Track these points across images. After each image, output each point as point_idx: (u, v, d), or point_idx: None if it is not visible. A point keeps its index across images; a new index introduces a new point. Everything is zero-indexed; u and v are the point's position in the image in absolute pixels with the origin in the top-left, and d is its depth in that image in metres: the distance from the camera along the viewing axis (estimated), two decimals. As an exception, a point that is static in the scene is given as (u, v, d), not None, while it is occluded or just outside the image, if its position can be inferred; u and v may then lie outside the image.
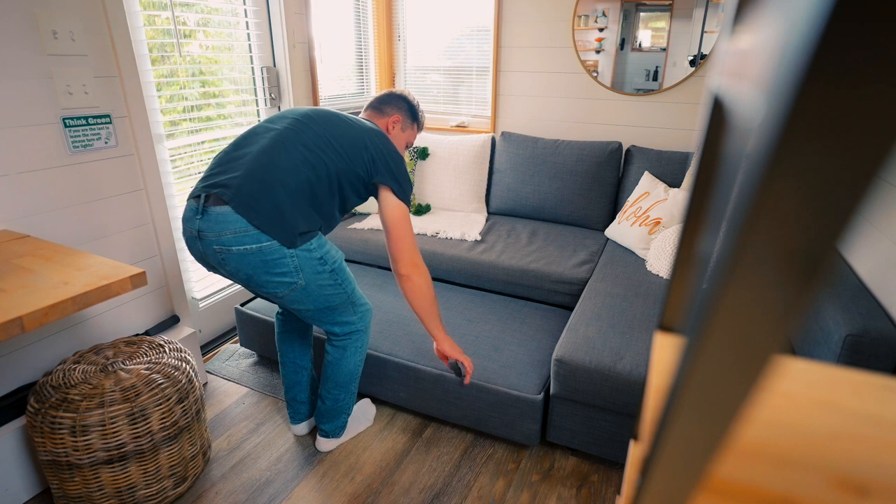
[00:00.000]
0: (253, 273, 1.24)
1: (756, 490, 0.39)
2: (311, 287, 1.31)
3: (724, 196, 0.25)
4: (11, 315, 0.87)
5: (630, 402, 1.38)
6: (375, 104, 1.56)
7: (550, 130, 2.66)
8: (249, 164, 1.24)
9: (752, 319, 0.19)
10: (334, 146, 1.31)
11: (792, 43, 0.15)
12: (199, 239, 1.24)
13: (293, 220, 1.23)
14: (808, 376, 0.52)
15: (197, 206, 1.23)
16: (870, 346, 1.10)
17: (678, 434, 0.23)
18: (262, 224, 1.20)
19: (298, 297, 1.31)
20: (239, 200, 1.20)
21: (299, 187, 1.25)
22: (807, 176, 0.16)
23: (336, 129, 1.34)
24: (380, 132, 1.42)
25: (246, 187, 1.21)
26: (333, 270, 1.34)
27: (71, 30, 1.40)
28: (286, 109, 1.41)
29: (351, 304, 1.42)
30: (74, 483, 1.26)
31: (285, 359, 1.60)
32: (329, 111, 1.41)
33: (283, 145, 1.27)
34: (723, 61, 0.34)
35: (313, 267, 1.29)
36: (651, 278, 1.87)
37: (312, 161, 1.28)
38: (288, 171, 1.24)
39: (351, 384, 1.53)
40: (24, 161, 1.35)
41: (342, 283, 1.37)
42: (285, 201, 1.22)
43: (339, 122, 1.37)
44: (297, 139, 1.29)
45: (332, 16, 2.56)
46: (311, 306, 1.35)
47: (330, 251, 1.34)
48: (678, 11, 2.26)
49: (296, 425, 1.65)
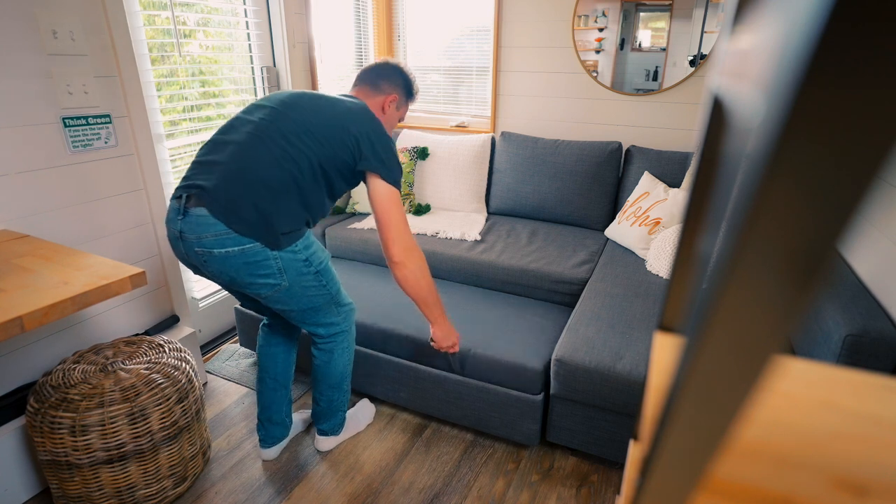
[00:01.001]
0: (236, 275, 1.20)
1: (756, 490, 0.39)
2: (295, 288, 1.27)
3: (723, 196, 0.25)
4: (11, 315, 0.87)
5: (630, 402, 1.38)
6: (370, 77, 1.43)
7: (550, 130, 2.66)
8: (228, 165, 1.18)
9: (751, 319, 0.19)
10: (315, 134, 1.24)
11: (792, 43, 0.15)
12: (181, 240, 1.20)
13: (276, 221, 1.19)
14: (808, 376, 0.52)
15: (178, 207, 1.19)
16: (870, 346, 1.10)
17: (678, 434, 0.23)
18: (242, 229, 1.16)
19: (282, 297, 1.27)
20: (217, 205, 1.15)
21: (282, 185, 1.19)
22: (806, 176, 0.16)
23: (317, 115, 1.26)
24: (364, 112, 1.32)
25: (224, 190, 1.16)
26: (319, 272, 1.30)
27: (71, 29, 1.40)
28: (263, 97, 1.33)
29: (335, 304, 1.39)
30: (74, 483, 1.26)
31: (265, 374, 1.52)
32: (309, 94, 1.32)
33: (261, 140, 1.20)
34: (723, 61, 0.34)
35: (298, 269, 1.25)
36: (651, 278, 1.87)
37: (293, 154, 1.21)
38: (268, 168, 1.18)
39: (343, 383, 1.52)
40: (23, 161, 1.35)
41: (327, 285, 1.33)
42: (267, 202, 1.18)
43: (319, 106, 1.28)
44: (276, 131, 1.22)
45: (332, 16, 2.56)
46: (294, 307, 1.31)
47: (316, 252, 1.30)
48: (678, 11, 2.26)
49: (266, 449, 1.56)
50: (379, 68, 1.44)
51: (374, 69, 1.44)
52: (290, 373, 1.55)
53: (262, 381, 1.53)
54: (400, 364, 1.68)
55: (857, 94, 0.14)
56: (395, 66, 1.45)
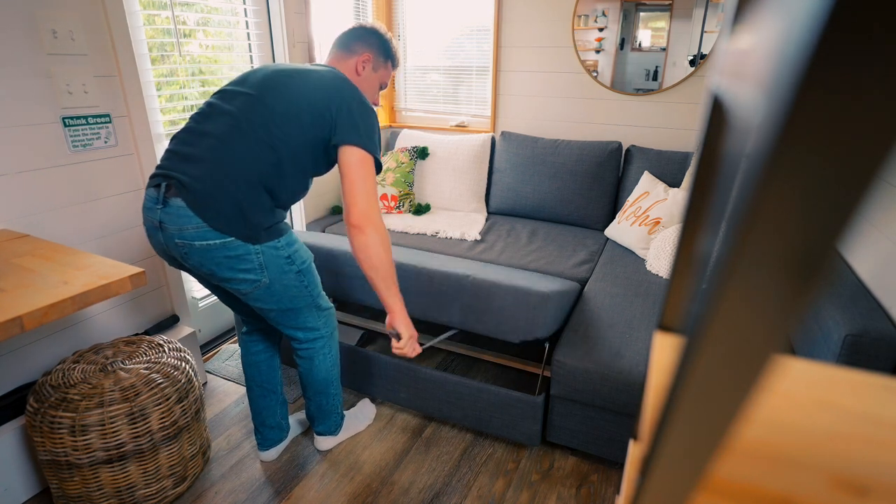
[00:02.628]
0: (216, 269, 1.18)
1: (756, 490, 0.39)
2: (276, 286, 1.24)
3: (723, 196, 0.25)
4: (11, 314, 0.87)
5: (630, 401, 1.38)
6: (342, 41, 1.37)
7: (550, 130, 2.66)
8: (206, 160, 1.14)
9: (751, 319, 0.19)
10: (294, 120, 1.19)
11: (791, 43, 0.15)
12: (161, 230, 1.16)
13: (255, 216, 1.16)
14: (807, 376, 0.52)
15: (157, 196, 1.14)
16: (869, 346, 1.10)
17: (678, 434, 0.23)
18: (220, 225, 1.13)
19: (262, 295, 1.25)
20: (196, 201, 1.12)
21: (261, 179, 1.17)
22: (806, 176, 0.16)
23: (295, 98, 1.20)
24: (339, 81, 1.25)
25: (202, 186, 1.13)
26: (301, 271, 1.28)
27: (71, 29, 1.40)
28: (237, 79, 1.27)
29: (315, 307, 1.36)
30: (74, 483, 1.26)
31: (252, 383, 1.51)
32: (284, 72, 1.25)
33: (240, 133, 1.16)
34: (722, 61, 0.34)
35: (280, 266, 1.23)
36: (651, 278, 1.87)
37: (273, 144, 1.17)
38: (248, 164, 1.15)
39: (329, 388, 1.50)
40: (23, 160, 1.35)
41: (308, 286, 1.31)
42: (246, 197, 1.15)
43: (295, 86, 1.22)
44: (256, 121, 1.17)
45: (332, 16, 2.56)
46: (273, 306, 1.28)
47: (299, 251, 1.27)
48: (678, 11, 2.26)
49: (264, 451, 1.56)
50: (351, 32, 1.38)
51: (346, 33, 1.38)
52: (276, 378, 1.54)
53: (250, 389, 1.52)
54: (400, 364, 1.68)
55: (857, 93, 0.14)
56: (368, 27, 1.39)
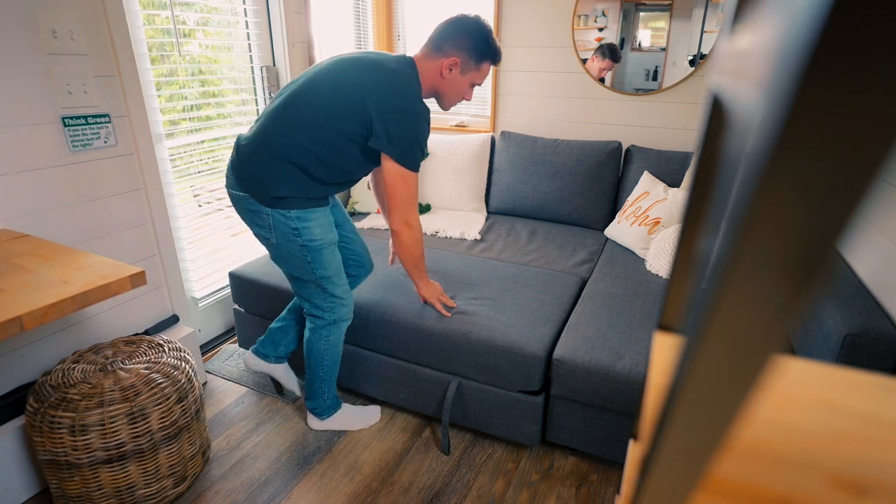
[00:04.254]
0: (242, 215, 1.41)
1: (756, 490, 0.39)
2: (282, 250, 1.41)
3: (723, 196, 0.25)
4: (11, 314, 0.87)
5: (629, 401, 1.38)
6: (435, 39, 1.37)
7: (550, 130, 2.66)
8: (254, 132, 1.36)
9: (751, 319, 0.19)
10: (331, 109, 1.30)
11: (791, 43, 0.15)
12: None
13: (273, 185, 1.32)
14: (807, 376, 0.52)
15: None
16: (869, 346, 1.10)
17: (678, 434, 0.23)
18: (244, 186, 1.36)
19: (274, 254, 1.44)
20: (236, 162, 1.37)
21: (289, 153, 1.31)
22: (806, 176, 0.16)
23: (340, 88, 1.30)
24: (392, 86, 1.30)
25: (242, 152, 1.36)
26: (305, 246, 1.39)
27: (70, 29, 1.40)
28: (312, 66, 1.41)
29: (321, 290, 1.47)
30: (74, 483, 1.26)
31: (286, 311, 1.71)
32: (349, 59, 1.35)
33: (283, 111, 1.33)
34: (722, 61, 0.34)
35: (285, 233, 1.37)
36: (650, 278, 1.87)
37: (307, 126, 1.31)
38: (281, 136, 1.32)
39: (318, 370, 1.57)
40: (23, 160, 1.35)
41: (312, 263, 1.41)
42: (268, 168, 1.32)
43: (347, 75, 1.31)
44: (298, 104, 1.32)
45: (332, 15, 2.56)
46: (284, 268, 1.46)
47: (312, 229, 1.38)
48: (678, 11, 2.26)
49: (250, 353, 1.71)
50: (445, 29, 1.36)
51: (442, 29, 1.37)
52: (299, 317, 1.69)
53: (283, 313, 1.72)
54: (400, 364, 1.68)
55: (857, 93, 0.14)
56: (464, 25, 1.34)
